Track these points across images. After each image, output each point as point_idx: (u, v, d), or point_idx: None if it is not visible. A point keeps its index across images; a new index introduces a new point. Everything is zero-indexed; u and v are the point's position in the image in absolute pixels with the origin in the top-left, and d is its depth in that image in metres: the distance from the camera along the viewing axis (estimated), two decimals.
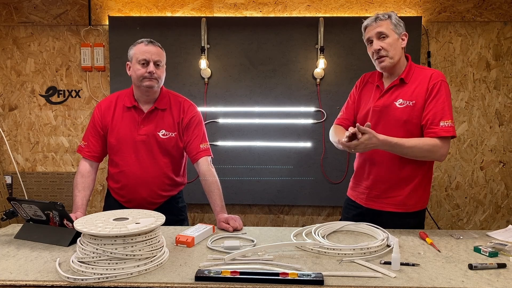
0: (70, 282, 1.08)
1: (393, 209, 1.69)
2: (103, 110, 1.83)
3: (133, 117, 1.79)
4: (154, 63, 1.71)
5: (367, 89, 1.81)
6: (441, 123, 1.56)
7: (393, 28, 1.64)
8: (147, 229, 1.16)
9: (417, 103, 1.62)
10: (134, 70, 1.73)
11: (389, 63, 1.65)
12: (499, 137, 2.87)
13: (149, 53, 1.70)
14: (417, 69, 1.69)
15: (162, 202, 1.86)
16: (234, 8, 2.87)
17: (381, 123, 1.68)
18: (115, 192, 1.87)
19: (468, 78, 2.84)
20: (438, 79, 1.61)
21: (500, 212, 2.92)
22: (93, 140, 1.83)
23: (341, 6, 2.84)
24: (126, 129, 1.79)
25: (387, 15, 1.65)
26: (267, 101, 2.85)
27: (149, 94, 1.77)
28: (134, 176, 1.78)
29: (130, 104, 1.79)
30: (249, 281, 1.08)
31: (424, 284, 1.09)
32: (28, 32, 2.92)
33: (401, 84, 1.68)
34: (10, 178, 2.93)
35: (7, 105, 2.97)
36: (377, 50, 1.64)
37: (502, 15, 2.80)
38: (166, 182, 1.83)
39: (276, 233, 1.55)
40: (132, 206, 1.82)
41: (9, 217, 1.56)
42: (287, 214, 2.99)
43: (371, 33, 1.66)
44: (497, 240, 1.50)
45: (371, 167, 1.73)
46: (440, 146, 1.56)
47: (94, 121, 1.84)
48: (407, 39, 1.69)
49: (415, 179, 1.67)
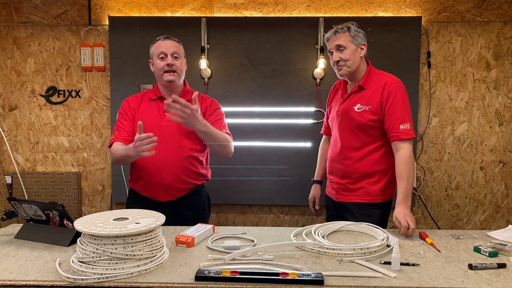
0: (70, 282, 1.08)
1: (359, 200, 1.85)
2: (130, 101, 1.93)
3: (158, 106, 1.88)
4: (172, 55, 1.82)
5: (337, 96, 2.00)
6: (401, 127, 1.74)
7: (351, 39, 1.80)
8: (147, 229, 1.16)
9: (372, 107, 1.80)
10: (155, 65, 1.86)
11: (346, 71, 1.82)
12: (499, 137, 2.87)
13: (165, 47, 1.82)
14: (376, 75, 1.86)
15: (186, 189, 1.88)
16: (234, 8, 2.87)
17: (341, 126, 1.89)
18: (138, 185, 1.89)
19: (468, 78, 2.84)
20: (392, 86, 1.78)
21: (500, 212, 2.92)
22: (126, 125, 1.87)
23: (341, 6, 2.84)
24: (151, 116, 1.87)
25: (346, 28, 1.81)
26: (267, 101, 2.85)
27: (172, 89, 1.88)
28: (157, 160, 1.79)
29: (155, 96, 1.91)
30: (249, 281, 1.08)
31: (424, 284, 1.09)
32: (28, 32, 2.92)
33: (359, 90, 1.85)
34: (10, 178, 2.93)
35: (7, 105, 2.97)
36: (336, 61, 1.82)
37: (502, 15, 2.80)
38: (189, 167, 1.87)
39: (276, 233, 1.56)
40: (155, 194, 1.84)
41: (9, 217, 1.56)
42: (287, 214, 2.99)
43: (331, 45, 1.84)
44: (497, 240, 1.50)
45: (337, 165, 1.92)
46: (407, 149, 1.73)
47: (123, 110, 1.91)
48: (366, 48, 1.84)
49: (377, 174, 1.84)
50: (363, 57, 1.86)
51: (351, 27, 1.81)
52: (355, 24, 1.84)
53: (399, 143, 1.74)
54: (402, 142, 1.74)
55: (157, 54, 1.83)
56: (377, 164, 1.84)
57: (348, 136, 1.86)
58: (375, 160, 1.83)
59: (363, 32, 1.84)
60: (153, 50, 1.86)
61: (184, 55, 1.90)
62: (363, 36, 1.83)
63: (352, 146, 1.86)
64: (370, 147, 1.83)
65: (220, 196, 2.86)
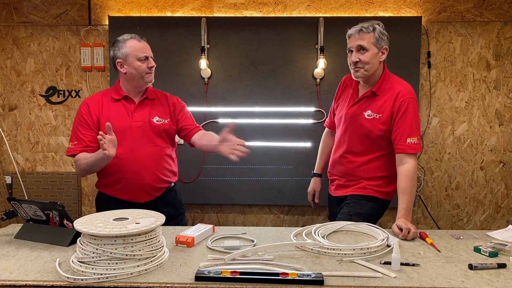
0: (70, 282, 1.08)
1: (355, 192, 1.84)
2: (89, 105, 1.85)
3: (125, 107, 1.86)
4: (151, 57, 1.83)
5: (346, 93, 1.93)
6: (407, 140, 1.69)
7: (374, 42, 1.71)
8: (147, 229, 1.16)
9: (382, 116, 1.75)
10: (135, 67, 1.80)
11: (363, 75, 1.75)
12: (499, 137, 2.87)
13: (146, 50, 1.82)
14: (390, 81, 1.78)
15: (163, 188, 1.90)
16: (234, 8, 2.87)
17: (349, 130, 1.84)
18: (113, 189, 1.85)
19: (468, 78, 2.84)
20: (405, 97, 1.71)
21: (500, 212, 2.92)
22: (85, 133, 1.81)
23: (341, 6, 2.84)
24: (119, 118, 1.83)
25: (371, 28, 1.71)
26: (267, 101, 2.85)
27: (142, 88, 1.87)
28: (135, 161, 1.80)
29: (119, 96, 1.86)
30: (249, 281, 1.08)
31: (424, 284, 1.09)
32: (28, 32, 2.92)
33: (372, 96, 1.78)
34: (10, 178, 2.93)
35: (7, 105, 2.97)
36: (355, 62, 1.73)
37: (502, 15, 2.80)
38: (165, 166, 1.89)
39: (276, 233, 1.56)
40: (134, 196, 1.82)
41: (9, 217, 1.56)
42: (287, 214, 2.99)
43: (352, 43, 1.74)
44: (497, 240, 1.50)
45: (339, 166, 1.91)
46: (412, 164, 1.68)
47: (82, 117, 1.83)
48: (387, 53, 1.76)
49: (377, 179, 1.82)
50: (382, 63, 1.78)
51: (377, 28, 1.71)
52: (381, 25, 1.74)
53: (404, 156, 1.69)
54: (408, 156, 1.69)
55: (136, 56, 1.78)
56: (379, 170, 1.82)
57: (354, 141, 1.83)
58: (377, 167, 1.81)
59: (388, 35, 1.76)
60: (130, 51, 1.78)
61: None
62: (387, 39, 1.75)
63: (357, 151, 1.83)
64: (375, 154, 1.81)
65: (220, 196, 2.86)
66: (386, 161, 1.81)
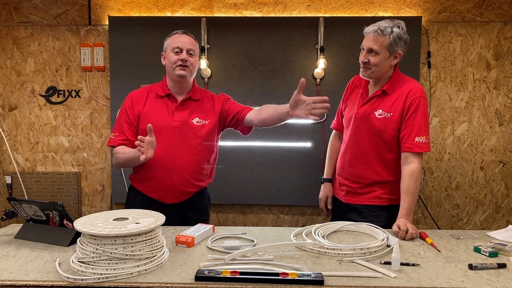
0: (70, 282, 1.08)
1: (368, 202, 1.80)
2: (134, 99, 1.84)
3: (167, 105, 1.82)
4: (187, 52, 1.76)
5: (355, 93, 1.89)
6: (416, 139, 1.66)
7: (387, 46, 1.66)
8: (147, 229, 1.16)
9: (394, 115, 1.71)
10: (168, 58, 1.78)
11: (369, 75, 1.73)
12: (499, 137, 2.87)
13: (182, 42, 1.76)
14: (401, 80, 1.76)
15: (192, 192, 1.83)
16: (234, 8, 2.87)
17: (359, 130, 1.79)
18: (143, 185, 1.82)
19: (468, 78, 2.84)
20: (416, 95, 1.69)
21: (500, 212, 2.92)
22: (126, 126, 1.81)
23: (341, 6, 2.84)
24: (159, 115, 1.80)
25: (389, 30, 1.65)
26: (267, 101, 2.83)
27: (181, 85, 1.81)
28: (167, 162, 1.75)
29: (163, 92, 1.83)
30: (249, 281, 1.08)
31: (424, 284, 1.09)
32: (28, 32, 2.92)
33: (382, 94, 1.76)
34: (10, 178, 2.93)
35: (7, 105, 2.97)
36: (364, 62, 1.71)
37: (502, 15, 2.80)
38: (198, 170, 1.82)
39: (276, 233, 1.56)
40: (161, 196, 1.79)
41: (9, 217, 1.56)
42: (287, 214, 2.99)
43: (365, 43, 1.71)
44: (497, 240, 1.50)
45: (350, 168, 1.85)
46: (418, 164, 1.66)
47: (125, 110, 1.83)
48: (400, 57, 1.72)
49: (388, 182, 1.78)
50: (393, 66, 1.74)
51: (395, 32, 1.65)
52: (402, 27, 1.67)
53: (410, 155, 1.66)
54: (414, 156, 1.66)
55: (171, 47, 1.76)
56: (390, 173, 1.77)
57: (365, 142, 1.77)
58: (388, 169, 1.77)
59: (406, 39, 1.69)
60: (169, 43, 1.79)
61: (198, 53, 1.85)
62: (404, 44, 1.68)
63: (368, 152, 1.78)
64: (387, 156, 1.76)
65: (220, 196, 2.86)
66: (397, 164, 1.76)
